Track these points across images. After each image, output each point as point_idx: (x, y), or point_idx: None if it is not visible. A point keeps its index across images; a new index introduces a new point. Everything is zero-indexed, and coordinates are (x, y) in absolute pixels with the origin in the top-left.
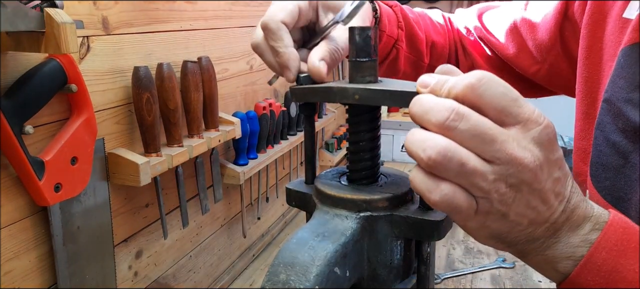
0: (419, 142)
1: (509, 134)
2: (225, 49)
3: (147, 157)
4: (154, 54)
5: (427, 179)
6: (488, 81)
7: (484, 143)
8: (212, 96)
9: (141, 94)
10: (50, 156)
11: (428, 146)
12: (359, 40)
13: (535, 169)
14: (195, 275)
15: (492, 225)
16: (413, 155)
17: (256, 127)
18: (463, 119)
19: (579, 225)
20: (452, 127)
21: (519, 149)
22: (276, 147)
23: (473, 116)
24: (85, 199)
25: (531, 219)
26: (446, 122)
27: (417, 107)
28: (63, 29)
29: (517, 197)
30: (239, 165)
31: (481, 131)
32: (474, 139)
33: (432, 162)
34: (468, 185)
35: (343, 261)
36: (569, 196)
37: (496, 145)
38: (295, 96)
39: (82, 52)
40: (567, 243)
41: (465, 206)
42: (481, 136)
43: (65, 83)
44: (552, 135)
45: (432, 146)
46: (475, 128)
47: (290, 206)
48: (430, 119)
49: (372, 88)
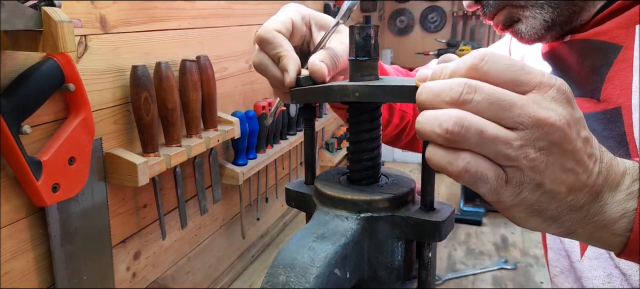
0: (432, 120)
1: (527, 98)
2: (224, 48)
3: (145, 157)
4: (152, 53)
5: (446, 153)
6: (490, 56)
7: (503, 110)
8: (211, 95)
9: (139, 94)
10: (47, 156)
11: (443, 120)
12: (359, 39)
13: (563, 128)
14: (193, 276)
15: (529, 197)
16: (427, 133)
17: (255, 126)
18: (477, 91)
19: (618, 182)
20: (468, 100)
21: (542, 110)
22: (276, 147)
23: (486, 86)
24: (83, 200)
25: (569, 185)
26: (461, 97)
27: (426, 93)
28: (61, 28)
29: (549, 161)
30: (238, 165)
31: (498, 98)
32: (492, 108)
33: (449, 135)
34: (492, 154)
35: (343, 263)
36: (600, 155)
37: (516, 110)
38: (296, 98)
39: (80, 51)
40: (614, 202)
41: (491, 175)
42: (498, 103)
43: (63, 82)
44: (569, 93)
45: (447, 119)
46: (491, 96)
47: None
48: (444, 99)
49: (372, 85)
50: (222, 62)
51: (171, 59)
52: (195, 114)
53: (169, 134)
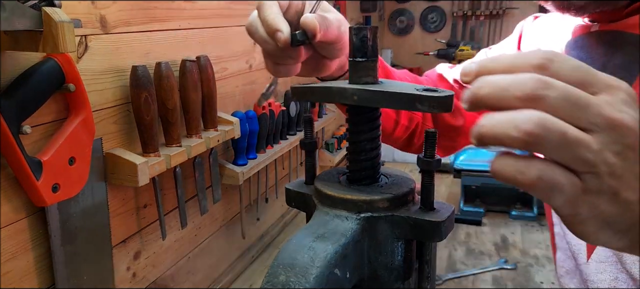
0: (506, 121)
1: (600, 99)
2: (224, 48)
3: (145, 158)
4: (152, 53)
5: (517, 161)
6: (558, 55)
7: (578, 110)
8: (211, 95)
9: (139, 94)
10: (48, 156)
11: (521, 121)
12: (355, 40)
13: (637, 130)
14: (193, 276)
15: (605, 208)
16: (501, 138)
17: (255, 127)
18: (551, 87)
19: None
20: (542, 97)
21: (616, 112)
22: (276, 147)
23: (560, 83)
24: (83, 200)
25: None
26: (535, 92)
27: (489, 87)
28: (61, 28)
29: (625, 167)
30: (238, 165)
31: (574, 97)
32: (567, 107)
33: (529, 137)
34: (570, 159)
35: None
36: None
37: (592, 109)
38: (296, 95)
39: (80, 51)
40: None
41: (567, 184)
42: (574, 102)
43: (63, 82)
44: (635, 95)
45: (526, 120)
46: (567, 95)
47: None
48: (514, 94)
49: (371, 89)
50: (222, 62)
51: (171, 59)
52: (196, 114)
53: (169, 134)
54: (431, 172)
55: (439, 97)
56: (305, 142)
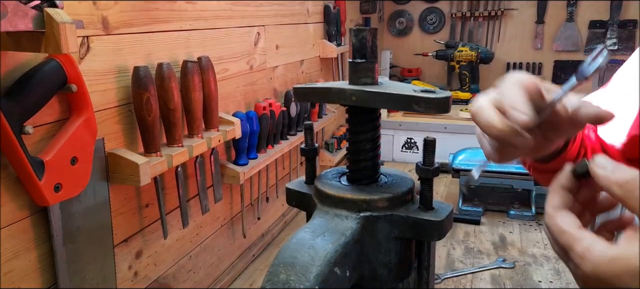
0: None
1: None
2: (225, 49)
3: (147, 157)
4: (153, 54)
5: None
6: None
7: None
8: (212, 95)
9: (141, 94)
10: (50, 156)
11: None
12: (355, 41)
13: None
14: (195, 275)
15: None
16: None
17: (256, 127)
18: None
19: None
20: None
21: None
22: (276, 147)
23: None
24: (85, 199)
25: None
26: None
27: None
28: (63, 29)
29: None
30: (239, 165)
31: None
32: None
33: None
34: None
35: (343, 261)
36: None
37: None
38: (296, 95)
39: (82, 52)
40: None
41: None
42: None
43: (65, 83)
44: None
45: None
46: None
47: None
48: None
49: (370, 90)
50: (223, 63)
51: (173, 60)
52: (197, 114)
53: (170, 134)
54: (430, 180)
55: (436, 99)
56: (306, 150)
